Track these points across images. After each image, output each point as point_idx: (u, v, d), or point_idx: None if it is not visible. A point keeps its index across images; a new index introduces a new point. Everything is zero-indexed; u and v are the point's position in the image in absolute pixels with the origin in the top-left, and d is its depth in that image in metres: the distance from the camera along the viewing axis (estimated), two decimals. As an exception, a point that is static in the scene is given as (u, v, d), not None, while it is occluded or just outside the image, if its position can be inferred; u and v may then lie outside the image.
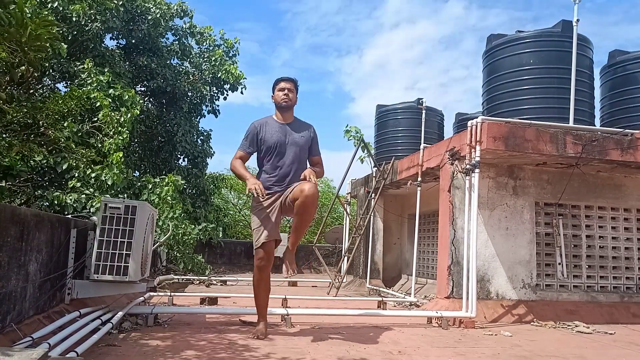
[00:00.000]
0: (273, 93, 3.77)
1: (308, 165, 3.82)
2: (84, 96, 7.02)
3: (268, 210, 3.62)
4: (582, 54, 5.67)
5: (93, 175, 6.68)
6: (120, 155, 6.93)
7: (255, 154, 3.79)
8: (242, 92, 11.72)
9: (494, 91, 6.07)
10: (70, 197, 6.52)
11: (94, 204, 6.42)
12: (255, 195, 3.44)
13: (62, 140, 6.20)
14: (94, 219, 4.41)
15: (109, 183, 6.71)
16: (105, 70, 8.23)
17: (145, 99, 11.12)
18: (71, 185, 6.63)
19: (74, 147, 6.53)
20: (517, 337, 4.14)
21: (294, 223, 3.68)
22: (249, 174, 3.62)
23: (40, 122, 5.55)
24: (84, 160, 6.55)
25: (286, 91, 3.69)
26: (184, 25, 11.20)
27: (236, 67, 11.23)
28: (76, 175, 6.66)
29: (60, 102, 6.36)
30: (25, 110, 5.48)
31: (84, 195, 6.59)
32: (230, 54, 11.65)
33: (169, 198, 7.93)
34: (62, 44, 7.19)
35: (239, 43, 11.78)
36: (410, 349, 3.43)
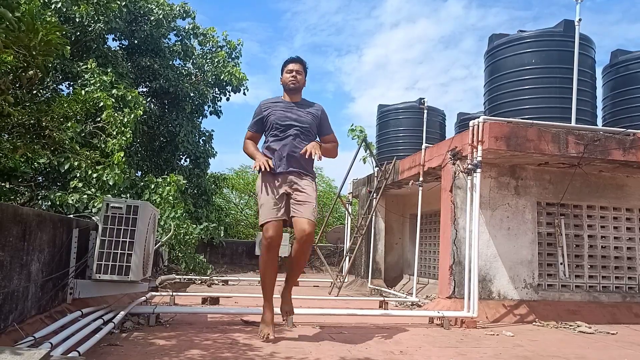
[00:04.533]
0: (281, 74, 3.76)
1: (311, 137, 3.73)
2: (89, 100, 7.03)
3: (275, 190, 3.54)
4: (584, 54, 5.66)
5: (95, 175, 6.69)
6: (122, 155, 6.93)
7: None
8: (244, 94, 11.75)
9: (495, 91, 6.07)
10: (72, 198, 6.53)
11: (95, 204, 6.43)
12: (262, 169, 3.45)
13: (67, 142, 6.21)
14: (95, 218, 4.42)
15: (111, 183, 6.72)
16: (109, 71, 8.24)
17: (148, 99, 11.13)
18: (73, 186, 6.65)
19: (78, 148, 6.54)
20: (519, 337, 4.13)
21: (289, 265, 3.73)
22: (258, 152, 3.68)
23: (44, 124, 5.56)
24: (88, 161, 6.56)
25: (294, 73, 3.68)
26: (187, 26, 11.21)
27: (239, 70, 11.24)
28: (78, 175, 6.67)
29: (65, 105, 6.37)
30: (30, 112, 5.49)
31: (85, 196, 6.60)
32: (233, 56, 11.66)
33: (170, 198, 7.94)
34: (67, 47, 7.21)
35: (242, 44, 11.82)
36: (412, 349, 3.43)
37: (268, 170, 3.46)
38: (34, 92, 7.04)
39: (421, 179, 6.36)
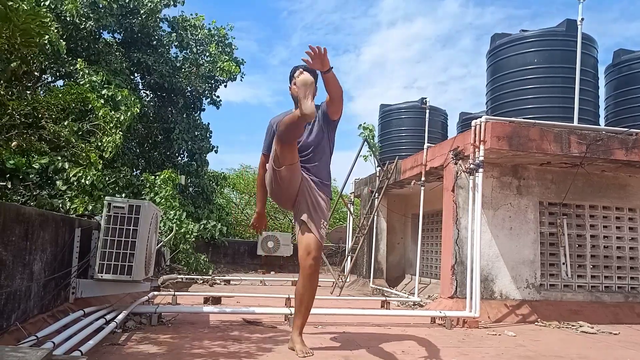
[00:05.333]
0: (290, 83, 3.33)
1: (327, 150, 3.36)
2: (82, 94, 7.01)
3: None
4: (586, 53, 5.65)
5: (74, 178, 6.56)
6: (94, 156, 6.79)
7: None
8: (241, 79, 11.72)
9: (497, 90, 6.06)
10: (53, 203, 6.44)
11: (73, 207, 6.32)
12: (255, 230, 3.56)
13: (62, 134, 6.17)
14: (97, 218, 4.43)
15: (87, 183, 6.58)
16: (100, 71, 8.17)
17: (144, 94, 11.09)
18: (57, 189, 6.55)
19: (73, 140, 6.47)
20: (521, 337, 4.13)
21: (295, 297, 3.21)
22: (261, 207, 3.56)
23: (40, 116, 5.55)
24: (83, 155, 6.48)
25: None
26: (177, 15, 11.12)
27: (230, 63, 11.08)
28: (63, 178, 6.58)
29: (60, 96, 6.40)
30: (25, 103, 5.50)
31: (68, 200, 6.50)
32: (226, 43, 11.52)
33: (170, 199, 7.94)
34: (62, 41, 7.19)
35: (231, 28, 11.66)
36: (414, 349, 3.42)
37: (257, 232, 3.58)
38: (29, 85, 7.05)
39: (423, 178, 6.35)
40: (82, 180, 6.58)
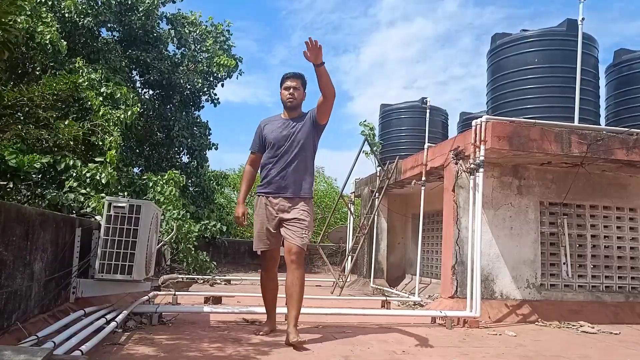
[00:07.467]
0: (280, 89, 3.69)
1: (308, 150, 3.62)
2: (75, 82, 7.01)
3: (268, 221, 3.61)
4: (587, 53, 5.66)
5: (88, 175, 6.61)
6: (113, 153, 6.83)
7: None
8: (238, 77, 11.69)
9: (498, 90, 6.06)
10: (67, 197, 6.47)
11: (90, 204, 6.36)
12: (239, 221, 3.74)
13: (52, 118, 6.18)
14: (98, 218, 4.43)
15: (103, 182, 6.63)
16: (98, 68, 8.17)
17: (143, 92, 11.08)
18: (68, 186, 6.59)
19: (62, 126, 6.45)
20: (522, 337, 4.13)
21: (286, 293, 3.52)
22: (242, 198, 3.80)
23: (37, 103, 5.59)
24: (72, 135, 6.47)
25: (291, 90, 3.62)
26: (175, 12, 11.11)
27: (226, 58, 11.06)
28: (74, 175, 6.60)
29: (54, 84, 6.44)
30: (20, 92, 5.53)
31: (81, 196, 6.54)
32: (223, 39, 11.49)
33: (172, 198, 7.94)
34: (63, 41, 7.22)
35: (229, 25, 11.63)
36: (415, 349, 3.42)
37: (240, 225, 3.83)
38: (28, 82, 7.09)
39: (423, 178, 6.35)
40: (97, 178, 6.61)
